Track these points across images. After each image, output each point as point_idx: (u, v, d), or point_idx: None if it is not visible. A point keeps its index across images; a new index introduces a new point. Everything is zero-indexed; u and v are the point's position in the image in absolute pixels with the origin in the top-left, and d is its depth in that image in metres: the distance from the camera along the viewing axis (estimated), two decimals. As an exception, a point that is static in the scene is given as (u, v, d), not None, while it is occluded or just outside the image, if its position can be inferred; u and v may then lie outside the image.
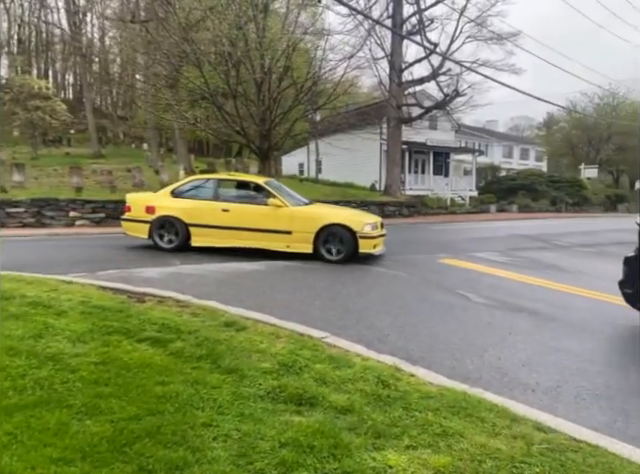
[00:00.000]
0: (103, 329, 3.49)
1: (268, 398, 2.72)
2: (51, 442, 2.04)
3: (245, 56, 16.40)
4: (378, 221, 8.08)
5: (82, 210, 14.54)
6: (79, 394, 2.49)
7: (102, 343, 3.22)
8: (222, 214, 7.89)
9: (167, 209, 8.07)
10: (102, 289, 4.70)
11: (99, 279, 5.23)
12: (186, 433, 2.26)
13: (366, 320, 4.57)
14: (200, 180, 8.71)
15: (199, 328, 3.69)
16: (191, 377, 2.85)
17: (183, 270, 6.41)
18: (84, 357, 2.97)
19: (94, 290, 4.62)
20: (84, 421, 2.25)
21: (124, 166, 29.27)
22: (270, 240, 7.74)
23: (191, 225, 7.97)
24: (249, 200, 8.16)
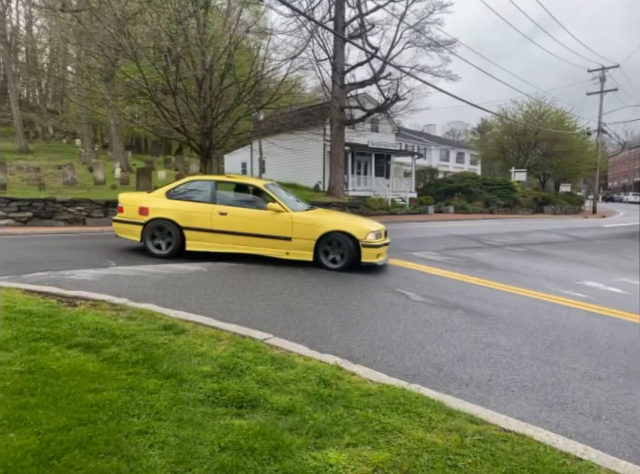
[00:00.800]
0: (29, 335, 3.28)
1: (208, 402, 2.67)
2: (-32, 460, 1.89)
3: (185, 52, 15.99)
4: (382, 229, 7.71)
5: (6, 209, 13.58)
6: (1, 406, 2.33)
7: (28, 350, 3.03)
8: (219, 218, 7.53)
9: (161, 211, 7.65)
10: (28, 293, 4.41)
11: (25, 282, 4.91)
12: (120, 442, 2.18)
13: (309, 320, 4.59)
14: (197, 181, 8.26)
15: (135, 332, 3.55)
16: (126, 383, 2.75)
17: (119, 272, 6.15)
18: (7, 366, 2.78)
19: (19, 294, 4.33)
20: (7, 434, 2.11)
21: (54, 163, 27.65)
22: (269, 246, 7.44)
23: (186, 228, 7.58)
24: (248, 203, 7.79)
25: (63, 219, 13.93)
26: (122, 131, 29.21)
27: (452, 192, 31.66)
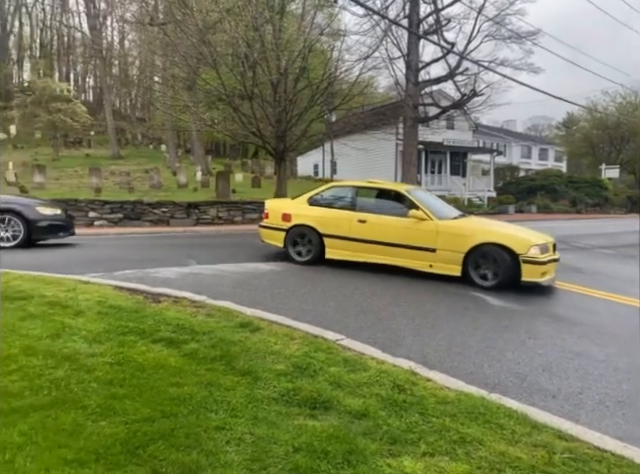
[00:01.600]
0: (119, 329, 3.50)
1: (282, 401, 2.69)
2: (66, 443, 2.04)
3: (261, 57, 16.45)
4: (549, 242, 6.65)
5: (101, 210, 14.73)
6: (94, 395, 2.49)
7: (117, 343, 3.23)
8: (358, 225, 7.16)
9: (302, 217, 7.54)
10: (119, 289, 4.73)
11: (116, 279, 5.26)
12: (199, 436, 2.25)
13: (381, 322, 4.52)
14: (337, 187, 8.09)
15: (214, 329, 3.68)
16: (205, 379, 2.84)
17: (199, 270, 6.43)
18: (100, 357, 2.98)
19: (111, 290, 4.65)
20: (99, 422, 2.25)
21: (142, 167, 29.62)
22: (410, 257, 6.85)
23: (325, 236, 7.35)
24: (388, 210, 7.26)
25: (149, 220, 14.85)
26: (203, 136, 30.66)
27: (534, 191, 29.92)
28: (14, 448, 1.96)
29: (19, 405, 2.31)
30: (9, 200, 8.88)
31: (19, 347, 2.99)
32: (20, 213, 8.53)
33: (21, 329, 3.29)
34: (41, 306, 3.83)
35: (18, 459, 1.90)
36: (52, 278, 4.98)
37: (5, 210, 8.49)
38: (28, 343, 3.06)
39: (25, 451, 1.95)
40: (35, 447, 1.99)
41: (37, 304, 3.86)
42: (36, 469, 1.85)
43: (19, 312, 3.64)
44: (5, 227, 8.47)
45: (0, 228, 8.46)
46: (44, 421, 2.19)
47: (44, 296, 4.10)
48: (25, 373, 2.66)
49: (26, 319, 3.51)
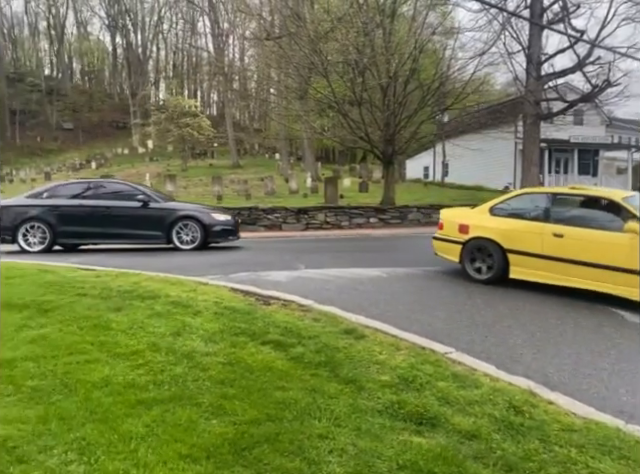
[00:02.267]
0: (232, 330, 3.68)
1: (386, 414, 2.61)
2: (181, 438, 2.17)
3: (371, 62, 16.49)
4: None
5: (221, 216, 15.80)
6: (207, 393, 2.63)
7: (230, 344, 3.39)
8: (553, 240, 6.01)
9: (483, 229, 6.63)
10: (233, 291, 4.99)
11: (231, 281, 5.57)
12: (303, 443, 2.25)
13: (495, 336, 4.21)
14: (530, 194, 7.16)
15: (319, 334, 3.71)
16: (309, 384, 2.86)
17: (307, 274, 6.57)
18: (214, 357, 3.15)
19: (226, 292, 4.93)
20: (210, 421, 2.37)
21: (258, 175, 31.32)
22: (622, 283, 5.41)
23: (510, 251, 6.33)
24: (594, 223, 6.03)
25: (263, 225, 15.61)
26: (313, 144, 31.58)
27: (683, 191, 26.06)
28: (138, 438, 2.14)
29: (144, 397, 2.52)
30: (189, 208, 9.98)
31: (146, 343, 3.27)
32: (198, 219, 9.48)
33: (148, 326, 3.61)
34: (166, 305, 4.17)
35: (141, 449, 2.06)
36: (176, 279, 5.42)
37: (186, 217, 9.50)
38: (154, 340, 3.35)
39: (147, 442, 2.11)
40: (155, 439, 2.14)
41: (162, 303, 4.22)
42: (155, 461, 1.99)
43: (147, 310, 4.00)
44: (186, 232, 9.46)
45: (182, 232, 9.46)
46: (164, 415, 2.36)
47: (169, 296, 4.47)
48: (150, 368, 2.90)
49: (153, 317, 3.84)
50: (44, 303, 4.14)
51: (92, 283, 5.00)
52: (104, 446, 2.05)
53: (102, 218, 9.46)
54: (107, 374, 2.78)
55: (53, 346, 3.18)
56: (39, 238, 9.39)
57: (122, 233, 9.52)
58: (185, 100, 40.88)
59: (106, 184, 10.61)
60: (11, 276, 5.27)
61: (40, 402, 2.43)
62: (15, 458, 1.94)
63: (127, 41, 64.67)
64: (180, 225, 9.48)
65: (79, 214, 9.50)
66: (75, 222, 9.46)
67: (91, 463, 1.94)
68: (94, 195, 9.78)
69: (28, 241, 9.37)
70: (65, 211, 9.48)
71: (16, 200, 10.07)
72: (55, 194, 9.87)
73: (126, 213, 9.49)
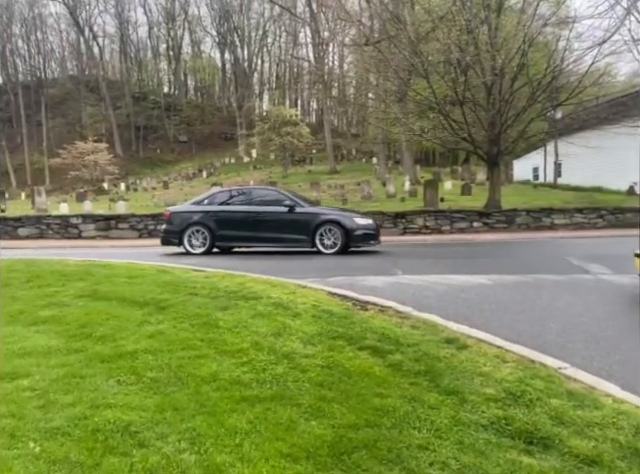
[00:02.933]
0: (329, 333, 3.72)
1: (492, 429, 2.46)
2: (282, 437, 2.23)
3: (475, 60, 15.85)
4: None
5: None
6: (307, 394, 2.69)
7: (328, 347, 3.43)
8: None
9: None
10: (331, 295, 5.05)
11: (328, 285, 5.65)
12: (401, 452, 2.20)
13: (619, 352, 3.79)
14: None
15: (418, 342, 3.61)
16: (408, 393, 2.79)
17: (405, 280, 6.46)
18: (312, 359, 3.21)
19: (324, 295, 5.00)
20: (310, 421, 2.40)
21: (355, 180, 31.52)
22: None
23: None
24: None
25: (361, 229, 15.63)
26: (412, 146, 31.05)
27: None
28: (242, 434, 2.24)
29: (248, 395, 2.64)
30: (332, 212, 10.23)
31: (249, 342, 3.43)
32: (341, 223, 9.57)
33: (251, 326, 3.78)
34: (267, 306, 4.34)
35: (245, 444, 2.15)
36: (277, 281, 5.62)
37: (330, 221, 9.66)
38: (257, 339, 3.50)
39: (250, 438, 2.20)
40: (258, 436, 2.23)
41: (264, 304, 4.40)
42: (258, 457, 2.06)
43: (251, 311, 4.19)
44: (328, 236, 9.59)
45: (325, 237, 9.59)
46: (266, 413, 2.44)
47: (270, 297, 4.65)
48: (253, 366, 3.03)
49: (255, 317, 4.02)
50: (161, 301, 4.52)
51: (202, 283, 5.35)
52: (212, 438, 2.18)
53: (253, 223, 9.96)
54: (215, 370, 2.95)
55: (169, 341, 3.44)
56: (201, 241, 10.12)
57: (271, 237, 9.95)
58: (286, 109, 42.48)
59: (256, 190, 11.14)
60: (133, 276, 5.82)
61: (157, 392, 2.65)
62: (137, 442, 2.13)
63: (235, 56, 68.92)
64: (324, 229, 9.59)
65: (234, 219, 10.12)
66: (230, 226, 10.07)
67: (201, 453, 2.06)
68: (246, 201, 10.39)
69: (192, 244, 10.15)
70: (222, 216, 10.16)
71: (183, 207, 11.00)
72: (214, 201, 10.56)
73: (274, 218, 9.93)
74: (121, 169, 51.21)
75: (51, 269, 6.17)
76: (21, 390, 2.61)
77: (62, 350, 3.28)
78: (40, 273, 5.86)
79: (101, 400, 2.51)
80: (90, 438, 2.13)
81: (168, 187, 40.26)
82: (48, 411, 2.39)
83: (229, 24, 66.97)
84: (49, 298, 4.69)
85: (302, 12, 53.82)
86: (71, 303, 4.53)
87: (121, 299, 4.62)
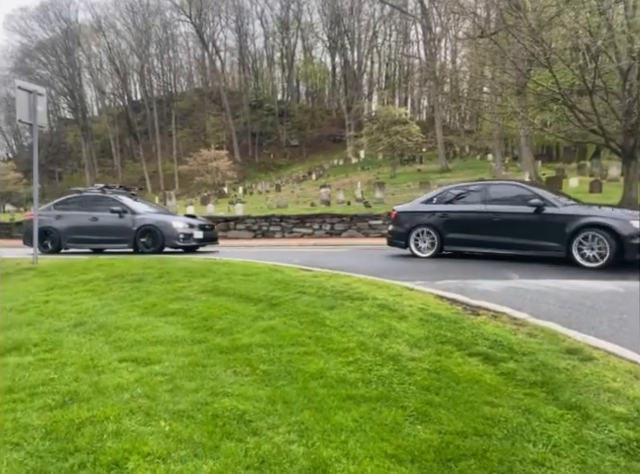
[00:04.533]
0: (437, 338, 3.63)
1: (621, 451, 2.23)
2: (387, 438, 2.24)
3: (608, 44, 14.33)
4: None
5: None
6: (412, 398, 2.66)
7: (435, 351, 3.36)
8: None
9: None
10: (439, 298, 4.92)
11: (437, 288, 5.50)
12: (514, 466, 2.09)
13: None
14: None
15: (535, 351, 3.38)
16: (522, 404, 2.63)
17: (521, 285, 6.06)
18: (419, 362, 3.16)
19: (432, 298, 4.89)
20: (415, 425, 2.38)
21: (468, 178, 30.20)
22: None
23: None
24: None
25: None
26: (532, 141, 28.96)
27: None
28: (348, 431, 2.29)
29: (353, 393, 2.68)
30: (599, 214, 7.84)
31: (355, 342, 3.48)
32: (610, 228, 7.37)
33: (357, 326, 3.83)
34: (373, 307, 4.36)
35: (350, 442, 2.20)
36: (384, 283, 5.61)
37: (592, 225, 7.56)
38: (362, 339, 3.53)
39: (355, 436, 2.25)
40: (363, 435, 2.26)
41: (370, 305, 4.42)
42: (363, 455, 2.10)
43: (356, 311, 4.24)
44: (591, 244, 7.51)
45: (585, 246, 7.56)
46: (371, 413, 2.47)
47: (376, 298, 4.66)
48: (359, 366, 3.07)
49: (361, 318, 4.06)
50: (273, 298, 4.76)
51: (310, 283, 5.53)
52: (319, 433, 2.26)
53: (489, 225, 8.61)
54: (322, 367, 3.05)
55: (279, 337, 3.62)
56: (428, 244, 9.34)
57: (511, 243, 8.40)
58: (395, 109, 42.04)
59: (494, 186, 9.30)
60: (249, 274, 6.20)
61: (269, 385, 2.81)
62: (250, 430, 2.28)
63: (344, 59, 70.06)
64: (584, 236, 7.55)
65: (465, 220, 9.03)
66: (461, 228, 9.03)
67: (308, 446, 2.15)
68: (482, 199, 8.91)
69: (419, 246, 9.44)
70: (452, 217, 9.16)
71: (410, 206, 10.18)
72: (443, 199, 9.50)
73: (516, 219, 8.37)
74: (239, 174, 54.80)
75: (179, 266, 6.79)
76: (153, 374, 2.93)
77: (187, 340, 3.61)
78: (170, 270, 6.48)
79: (220, 388, 2.72)
80: (210, 422, 2.33)
81: (280, 190, 42.13)
82: (175, 395, 2.65)
83: (339, 28, 68.22)
84: (177, 292, 5.18)
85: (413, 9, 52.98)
86: (195, 297, 4.96)
87: (238, 295, 4.94)
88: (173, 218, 12.13)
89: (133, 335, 3.68)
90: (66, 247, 12.20)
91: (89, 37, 73.88)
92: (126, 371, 2.97)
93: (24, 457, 2.03)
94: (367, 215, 17.29)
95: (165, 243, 11.29)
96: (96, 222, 11.81)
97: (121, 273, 6.22)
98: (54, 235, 12.06)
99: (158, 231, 11.29)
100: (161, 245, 11.26)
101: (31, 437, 2.18)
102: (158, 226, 11.38)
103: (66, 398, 2.57)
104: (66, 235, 12.04)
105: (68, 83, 73.58)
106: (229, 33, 76.54)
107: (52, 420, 2.32)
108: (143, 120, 75.56)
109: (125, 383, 2.78)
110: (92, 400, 2.56)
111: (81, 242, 12.10)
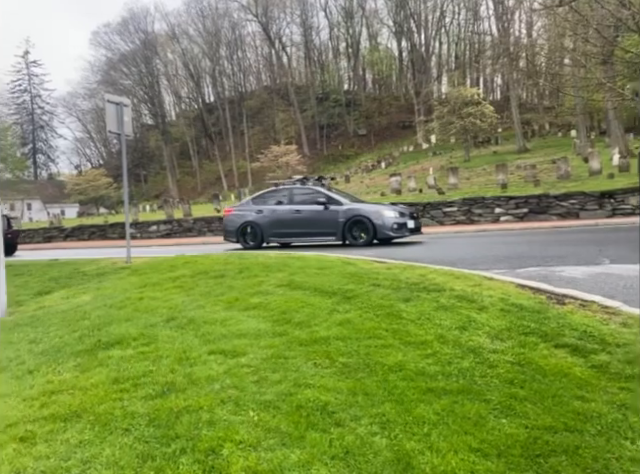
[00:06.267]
0: (520, 329, 3.51)
1: None
2: (470, 431, 2.22)
3: None
4: None
5: (506, 206, 15.09)
6: (495, 391, 2.61)
7: (518, 343, 3.25)
8: None
9: None
10: (520, 287, 4.73)
11: (518, 277, 5.28)
12: (609, 463, 2.00)
13: None
14: None
15: (631, 342, 3.17)
16: (617, 399, 2.50)
17: (613, 270, 5.65)
18: (501, 354, 3.08)
19: (513, 288, 4.71)
20: (499, 419, 2.34)
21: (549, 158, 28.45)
22: None
23: None
24: None
25: (556, 213, 14.14)
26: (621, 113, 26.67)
27: None
28: (430, 424, 2.29)
29: (433, 386, 2.68)
30: None
31: (433, 335, 3.45)
32: None
33: (435, 318, 3.79)
34: (450, 299, 4.28)
35: (433, 434, 2.20)
36: (460, 273, 5.47)
37: None
38: (441, 332, 3.50)
39: (438, 429, 2.25)
40: (445, 428, 2.26)
41: (447, 297, 4.34)
42: (447, 448, 2.10)
43: (433, 303, 4.19)
44: None
45: None
46: (452, 406, 2.46)
47: (453, 290, 4.57)
48: (438, 359, 3.05)
49: (438, 310, 4.00)
50: (347, 291, 4.81)
51: (384, 275, 5.52)
52: (401, 425, 2.28)
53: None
54: (400, 360, 3.06)
55: (356, 330, 3.67)
56: None
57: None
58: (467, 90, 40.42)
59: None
60: (322, 267, 6.30)
61: (349, 377, 2.87)
62: (333, 421, 2.36)
63: (411, 43, 68.36)
64: None
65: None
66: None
67: (391, 438, 2.19)
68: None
69: None
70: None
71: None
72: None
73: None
74: (308, 167, 55.44)
75: (257, 261, 7.06)
76: (240, 366, 3.10)
77: (269, 333, 3.77)
78: (249, 265, 6.75)
79: (302, 380, 2.83)
80: (295, 413, 2.44)
81: (349, 181, 42.15)
82: (261, 386, 2.80)
83: (405, 11, 66.61)
84: (256, 287, 5.39)
85: (482, -17, 50.39)
86: (273, 291, 5.14)
87: (313, 289, 5.05)
88: (384, 207, 11.49)
89: (219, 329, 3.91)
90: (267, 242, 12.11)
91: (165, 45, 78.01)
92: (215, 363, 3.17)
93: (133, 442, 2.24)
94: (441, 202, 16.85)
95: (377, 234, 10.60)
96: (299, 215, 11.46)
97: (205, 270, 6.57)
98: (256, 230, 11.93)
99: (369, 222, 10.60)
100: (372, 236, 10.61)
101: (137, 424, 2.40)
102: (369, 216, 10.67)
103: (164, 388, 2.80)
104: (268, 229, 11.83)
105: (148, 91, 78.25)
106: (294, 28, 77.44)
107: (154, 408, 2.54)
108: (217, 121, 78.65)
109: (215, 375, 2.97)
110: (187, 390, 2.76)
111: (284, 236, 11.88)
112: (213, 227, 20.74)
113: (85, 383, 2.96)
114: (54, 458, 2.15)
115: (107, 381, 2.96)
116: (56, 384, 3.00)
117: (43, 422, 2.48)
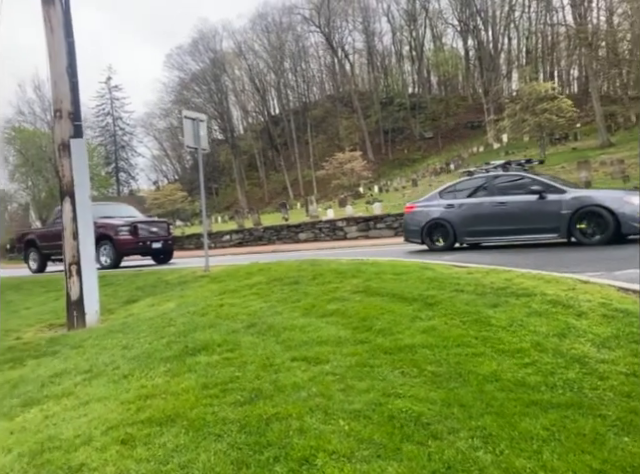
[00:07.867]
0: (629, 336, 3.18)
1: None
2: (588, 450, 2.01)
3: None
4: None
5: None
6: (611, 405, 2.35)
7: (630, 352, 2.93)
8: None
9: None
10: (623, 290, 4.31)
11: (617, 279, 4.83)
12: None
13: None
14: None
15: None
16: None
17: None
18: (611, 365, 2.79)
19: (614, 291, 4.30)
20: (621, 437, 2.09)
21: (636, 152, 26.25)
22: None
23: None
24: None
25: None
26: None
27: None
28: (539, 440, 2.09)
29: (537, 399, 2.46)
30: None
31: (529, 342, 3.20)
32: None
33: (528, 325, 3.52)
34: (543, 304, 3.97)
35: (545, 452, 2.01)
36: (550, 276, 5.10)
37: None
38: (537, 339, 3.24)
39: (549, 446, 2.05)
40: (558, 445, 2.05)
41: (539, 302, 4.04)
42: (563, 468, 1.90)
43: (524, 308, 3.91)
44: None
45: None
46: (563, 421, 2.24)
47: (545, 294, 4.24)
48: (538, 368, 2.82)
49: (531, 315, 3.73)
50: (428, 297, 4.62)
51: (466, 280, 5.26)
52: (506, 440, 2.11)
53: None
54: (495, 369, 2.86)
55: (442, 337, 3.50)
56: None
57: None
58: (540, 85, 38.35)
59: None
60: (398, 273, 6.13)
61: (440, 387, 2.72)
62: (430, 433, 2.22)
63: (478, 40, 66.21)
64: None
65: None
66: None
67: (496, 454, 2.02)
68: None
69: None
70: None
71: None
72: None
73: None
74: (373, 173, 55.09)
75: (329, 268, 7.02)
76: (324, 374, 3.03)
77: (350, 340, 3.68)
78: (321, 271, 6.73)
79: (390, 389, 2.71)
80: (387, 423, 2.33)
81: (417, 185, 41.31)
82: (348, 394, 2.71)
83: (470, 9, 64.74)
84: (331, 293, 5.34)
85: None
86: (349, 298, 5.06)
87: (391, 295, 4.91)
88: (628, 193, 9.08)
89: (299, 335, 3.88)
90: (461, 242, 10.20)
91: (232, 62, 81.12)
92: (299, 370, 3.13)
93: (226, 448, 2.24)
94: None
95: (622, 229, 8.20)
96: (504, 208, 9.35)
97: (279, 276, 6.63)
98: (446, 228, 10.03)
99: (608, 213, 8.24)
100: (613, 232, 8.23)
101: (229, 430, 2.40)
102: (608, 206, 8.28)
103: (252, 395, 2.79)
104: (462, 227, 9.86)
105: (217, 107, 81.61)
106: (357, 35, 77.57)
107: (244, 415, 2.54)
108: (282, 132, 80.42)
109: (300, 382, 2.92)
110: (274, 397, 2.74)
111: (483, 234, 9.85)
112: (282, 235, 21.22)
113: (176, 388, 3.03)
114: (154, 461, 2.19)
115: (197, 386, 3.01)
116: (149, 388, 3.10)
117: (141, 425, 2.55)
